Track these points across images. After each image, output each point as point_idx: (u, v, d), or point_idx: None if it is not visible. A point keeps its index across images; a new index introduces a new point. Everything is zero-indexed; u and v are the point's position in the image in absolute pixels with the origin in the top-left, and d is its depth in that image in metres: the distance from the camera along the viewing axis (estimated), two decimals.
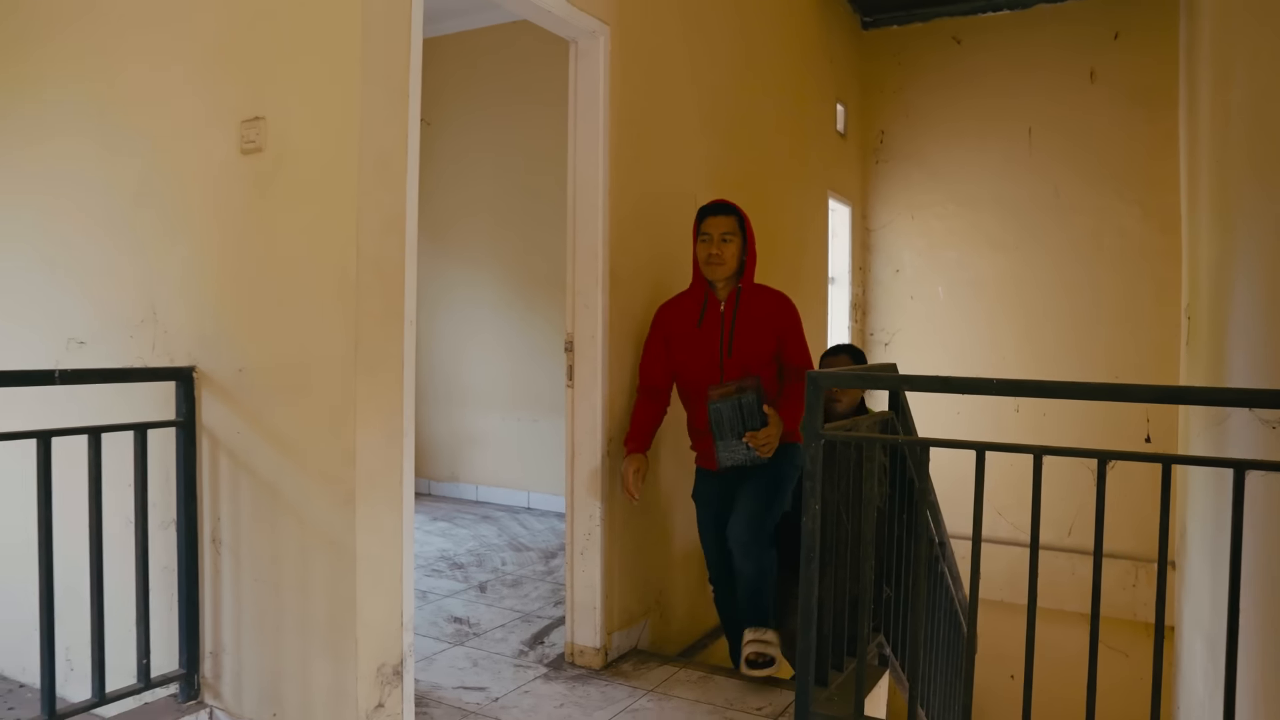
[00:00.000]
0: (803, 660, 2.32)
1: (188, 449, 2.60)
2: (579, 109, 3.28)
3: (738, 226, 3.08)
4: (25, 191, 3.15)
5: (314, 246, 2.37)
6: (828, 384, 2.33)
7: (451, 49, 6.20)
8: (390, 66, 2.36)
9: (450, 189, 6.29)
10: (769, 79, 4.94)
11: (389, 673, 2.38)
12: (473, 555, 4.91)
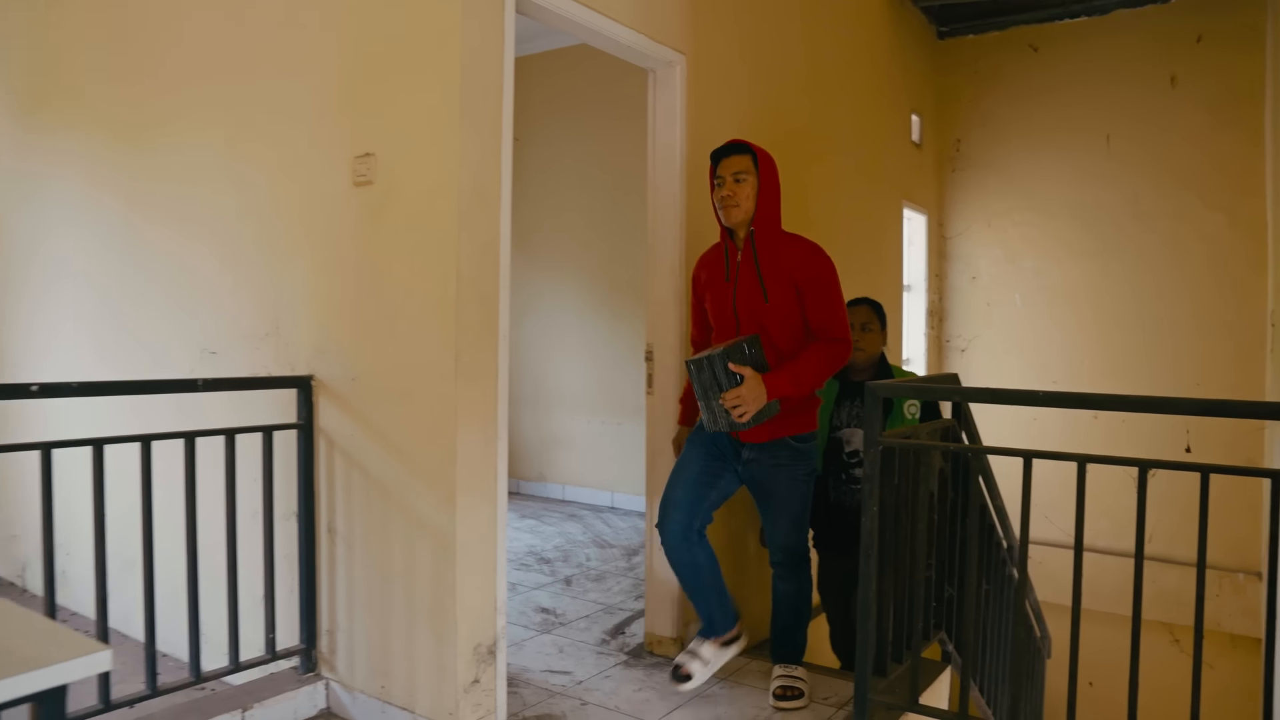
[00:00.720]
0: (861, 651, 2.50)
1: (307, 449, 2.92)
2: (657, 134, 3.51)
3: (752, 165, 2.79)
4: (165, 219, 3.55)
5: (419, 268, 2.65)
6: (885, 394, 2.51)
7: (538, 66, 6.51)
8: (485, 108, 2.62)
9: (537, 200, 6.60)
10: (842, 94, 5.09)
11: (484, 652, 2.64)
12: (559, 551, 5.18)
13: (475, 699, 2.61)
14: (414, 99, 2.67)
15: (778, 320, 2.77)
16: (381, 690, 2.75)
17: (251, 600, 2.89)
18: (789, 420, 2.81)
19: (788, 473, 2.85)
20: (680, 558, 2.87)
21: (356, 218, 2.83)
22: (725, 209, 2.80)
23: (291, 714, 2.82)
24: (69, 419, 3.59)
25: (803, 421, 2.86)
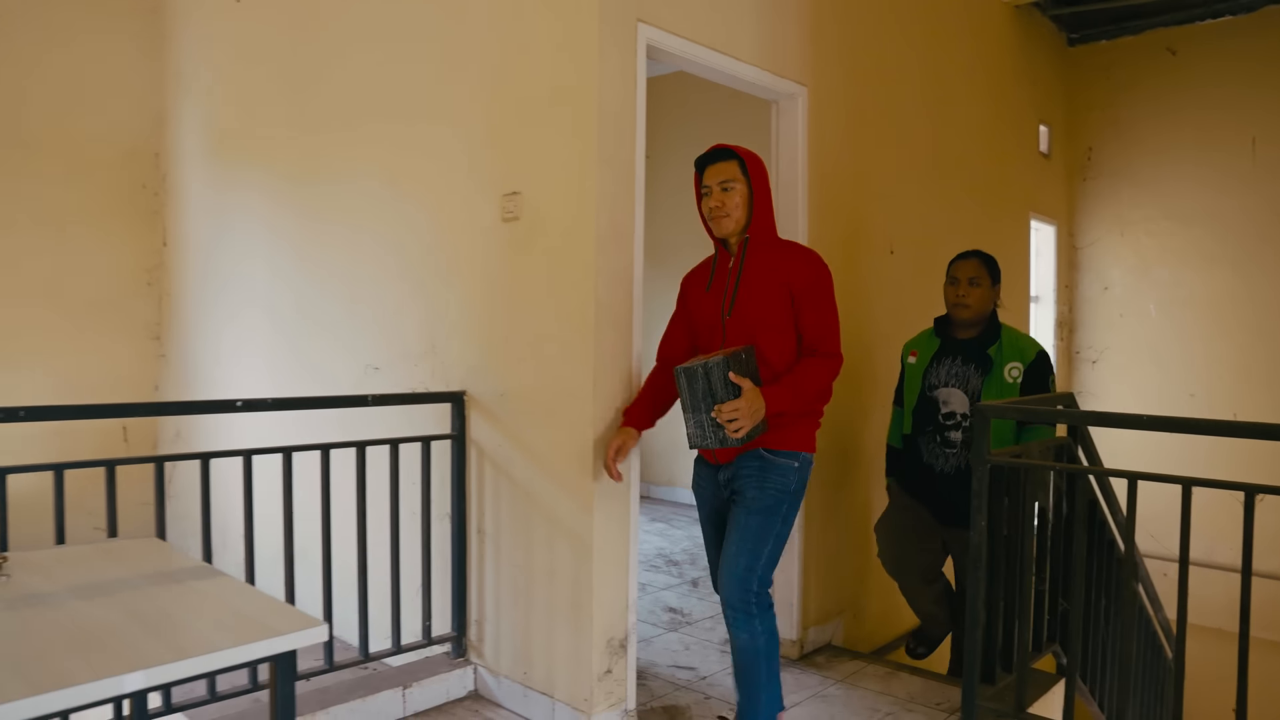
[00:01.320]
0: (969, 660, 2.64)
1: (460, 457, 3.26)
2: (779, 162, 3.71)
3: (740, 171, 2.58)
4: (334, 247, 3.98)
5: (561, 296, 2.94)
6: (994, 414, 2.64)
7: (669, 86, 6.78)
8: (619, 150, 2.89)
9: (670, 216, 6.86)
10: (966, 110, 5.15)
11: (616, 645, 2.91)
12: (687, 554, 5.43)
13: (608, 688, 2.88)
14: (556, 143, 2.97)
15: (770, 333, 2.53)
16: (524, 676, 3.06)
17: (410, 591, 3.25)
18: (768, 433, 2.51)
19: (754, 483, 2.51)
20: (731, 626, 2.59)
21: (504, 250, 3.15)
22: (715, 220, 2.60)
23: (444, 694, 3.16)
24: (258, 427, 4.07)
25: (781, 437, 2.53)
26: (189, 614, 1.60)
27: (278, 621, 1.53)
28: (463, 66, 3.33)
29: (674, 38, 3.06)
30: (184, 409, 3.01)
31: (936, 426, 3.37)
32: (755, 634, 2.50)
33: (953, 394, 3.33)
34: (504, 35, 3.15)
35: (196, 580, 1.79)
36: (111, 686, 1.27)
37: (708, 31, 3.19)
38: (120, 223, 5.91)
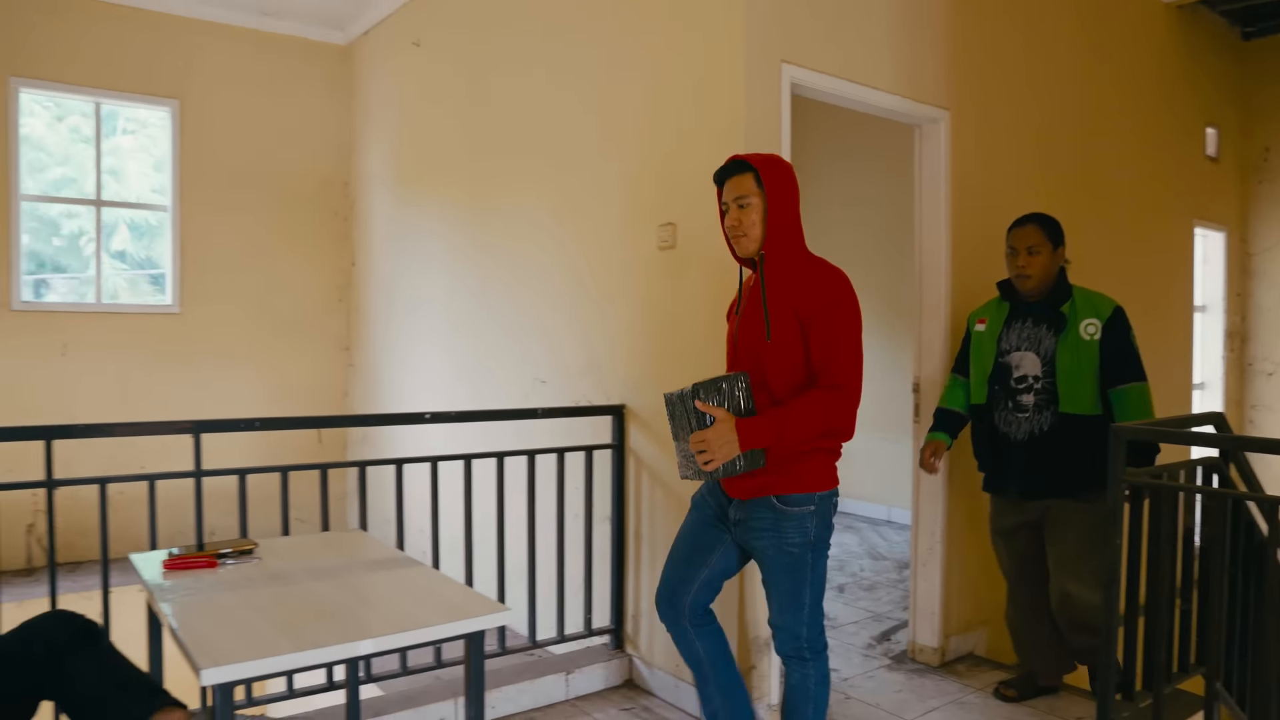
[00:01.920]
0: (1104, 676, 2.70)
1: (619, 466, 3.57)
2: (923, 185, 3.82)
3: (755, 185, 2.36)
4: (505, 270, 4.38)
5: (710, 319, 3.19)
6: (1131, 436, 2.69)
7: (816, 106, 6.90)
8: None
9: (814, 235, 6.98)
10: (1122, 119, 5.06)
11: (761, 644, 3.14)
12: (834, 560, 5.57)
13: (753, 683, 3.10)
14: (706, 179, 3.21)
15: (777, 361, 2.31)
16: (675, 668, 3.32)
17: (574, 587, 3.58)
18: (772, 476, 2.31)
19: (771, 540, 2.33)
20: (680, 645, 2.58)
21: (660, 275, 3.42)
22: (735, 240, 2.41)
23: (603, 680, 3.46)
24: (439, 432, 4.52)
25: (790, 480, 2.31)
26: (398, 595, 1.94)
27: (470, 605, 1.85)
28: (620, 107, 3.63)
29: (817, 74, 3.26)
30: (383, 420, 3.43)
31: (1009, 391, 3.23)
32: (806, 677, 2.41)
33: (1025, 357, 3.20)
34: (657, 78, 3.44)
35: (399, 567, 2.14)
36: (350, 649, 1.61)
37: (850, 65, 3.36)
38: (315, 246, 6.60)
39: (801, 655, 2.39)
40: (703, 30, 3.24)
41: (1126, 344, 3.10)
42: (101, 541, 2.68)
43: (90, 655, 1.75)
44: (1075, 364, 3.09)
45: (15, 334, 5.58)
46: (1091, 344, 3.09)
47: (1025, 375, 3.20)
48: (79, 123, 6.46)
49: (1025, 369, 3.20)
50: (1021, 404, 3.20)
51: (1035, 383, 3.18)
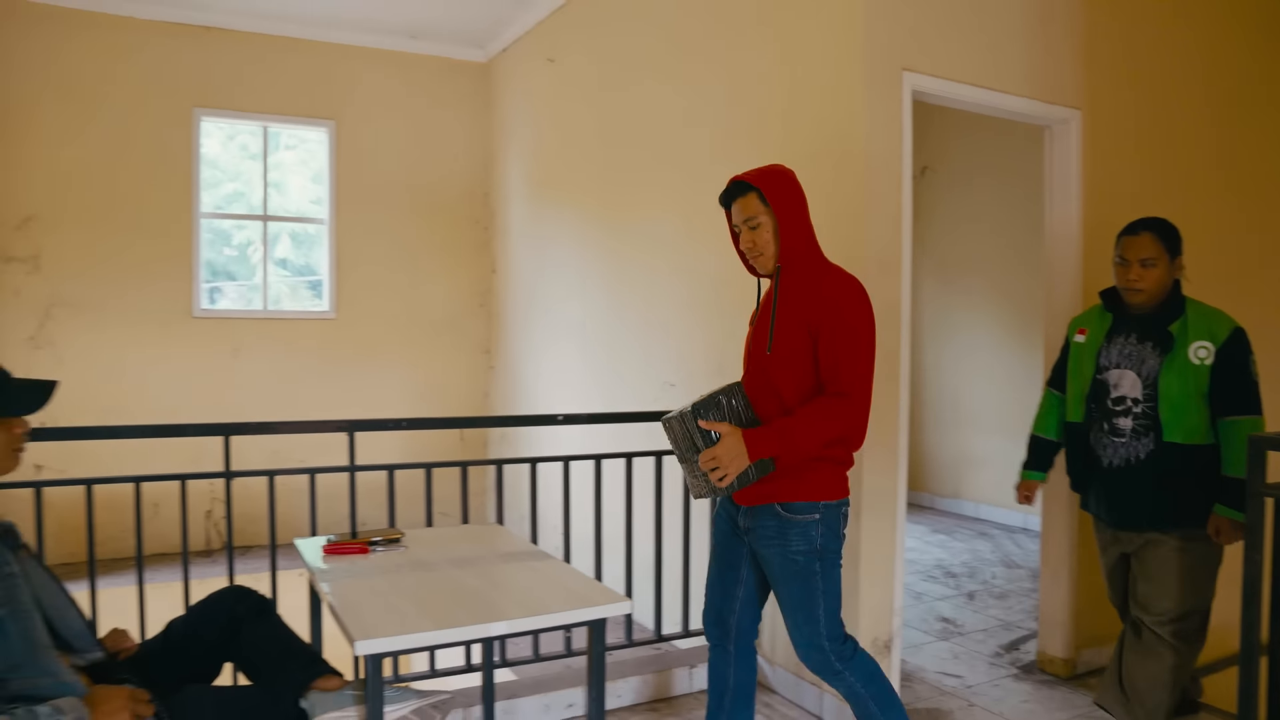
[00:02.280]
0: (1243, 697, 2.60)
1: None
2: (1053, 186, 3.75)
3: (761, 204, 2.36)
4: (635, 278, 4.55)
5: None
6: (1270, 446, 2.59)
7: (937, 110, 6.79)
8: (886, 194, 3.15)
9: (951, 230, 6.88)
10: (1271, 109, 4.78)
11: (880, 645, 3.17)
12: (966, 567, 5.48)
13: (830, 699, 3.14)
14: (827, 189, 3.27)
15: (782, 373, 2.31)
16: (797, 667, 3.39)
17: (699, 584, 3.68)
18: (778, 483, 2.32)
19: (777, 548, 2.34)
20: (714, 668, 2.61)
21: None
22: (752, 260, 2.43)
23: None
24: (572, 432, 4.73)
25: (795, 487, 2.31)
26: (529, 584, 2.10)
27: (594, 595, 2.00)
28: (742, 120, 3.73)
29: (939, 81, 3.27)
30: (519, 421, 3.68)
31: (1105, 412, 2.92)
32: (851, 684, 2.38)
33: (1124, 376, 2.87)
34: (777, 93, 3.52)
35: (531, 560, 2.31)
36: (483, 630, 1.78)
37: (974, 69, 3.35)
38: (458, 254, 6.97)
39: (832, 668, 2.36)
40: (822, 42, 3.30)
41: (1242, 372, 2.72)
42: (270, 527, 2.98)
43: (263, 625, 1.99)
44: (1182, 390, 2.73)
45: (195, 338, 6.15)
46: (1202, 369, 2.73)
47: (1124, 396, 2.87)
48: (248, 140, 7.05)
49: (1124, 389, 2.87)
50: (1118, 427, 2.87)
51: (1134, 405, 2.85)
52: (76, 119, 5.85)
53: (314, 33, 6.34)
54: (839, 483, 2.37)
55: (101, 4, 5.81)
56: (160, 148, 6.06)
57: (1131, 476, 2.84)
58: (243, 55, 6.21)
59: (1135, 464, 2.83)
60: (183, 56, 6.06)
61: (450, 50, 6.77)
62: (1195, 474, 2.75)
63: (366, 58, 6.56)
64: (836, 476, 2.36)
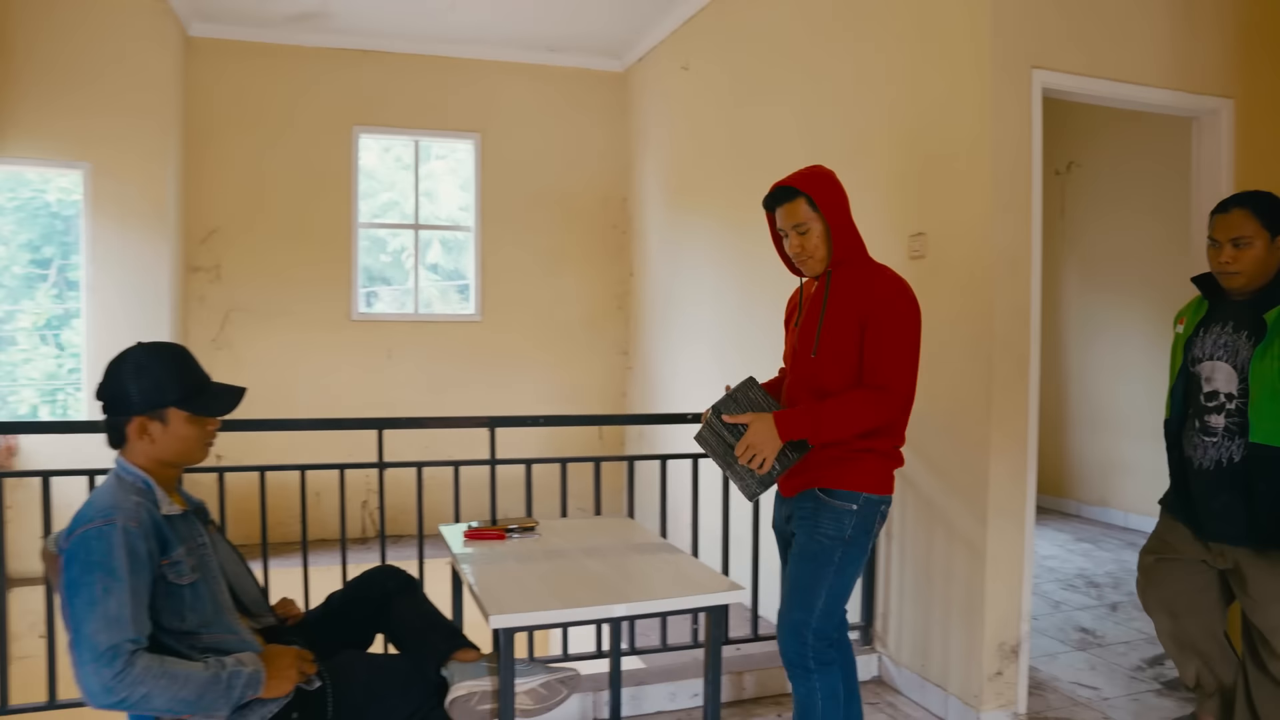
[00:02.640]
0: None
1: None
2: (1201, 179, 3.59)
3: (810, 208, 2.36)
4: (764, 281, 4.62)
5: (961, 328, 3.24)
6: None
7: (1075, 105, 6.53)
8: (1014, 194, 3.11)
9: (1100, 229, 6.61)
10: None
11: (1007, 650, 3.14)
12: (1110, 577, 5.27)
13: (997, 688, 3.12)
14: (954, 189, 3.27)
15: (831, 373, 2.33)
16: (921, 668, 3.40)
17: None
18: (822, 470, 2.32)
19: (806, 528, 2.33)
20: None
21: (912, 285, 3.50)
22: (800, 264, 2.43)
23: None
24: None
25: (839, 474, 2.31)
26: (654, 572, 2.23)
27: (712, 584, 2.11)
28: (871, 120, 3.76)
29: (1072, 77, 3.20)
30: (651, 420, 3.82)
31: (1197, 409, 2.64)
32: (812, 692, 2.29)
33: (1217, 368, 2.58)
34: (905, 91, 3.53)
35: (659, 552, 2.44)
36: (605, 611, 1.91)
37: (1110, 63, 3.26)
38: (596, 257, 7.20)
39: (805, 664, 2.30)
40: (949, 43, 3.30)
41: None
42: (418, 516, 3.23)
43: (410, 601, 2.19)
44: (1273, 385, 2.40)
45: (353, 341, 6.61)
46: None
47: (1216, 391, 2.59)
48: (401, 152, 7.51)
49: (1217, 383, 2.59)
50: (1209, 425, 2.60)
51: (1228, 401, 2.55)
52: (251, 141, 6.40)
53: (460, 50, 6.70)
54: (881, 477, 2.35)
55: (272, 36, 6.34)
56: (324, 163, 6.55)
57: (1222, 482, 2.55)
58: (396, 75, 6.64)
59: (1226, 468, 2.55)
60: (343, 79, 6.54)
61: (588, 61, 7.01)
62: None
63: (509, 72, 6.88)
64: (882, 470, 2.35)
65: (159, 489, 1.90)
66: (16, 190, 6.14)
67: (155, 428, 1.90)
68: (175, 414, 1.91)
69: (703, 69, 5.67)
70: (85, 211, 5.66)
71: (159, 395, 1.89)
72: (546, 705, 1.98)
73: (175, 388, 1.91)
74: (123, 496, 1.82)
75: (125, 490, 1.85)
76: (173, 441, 1.92)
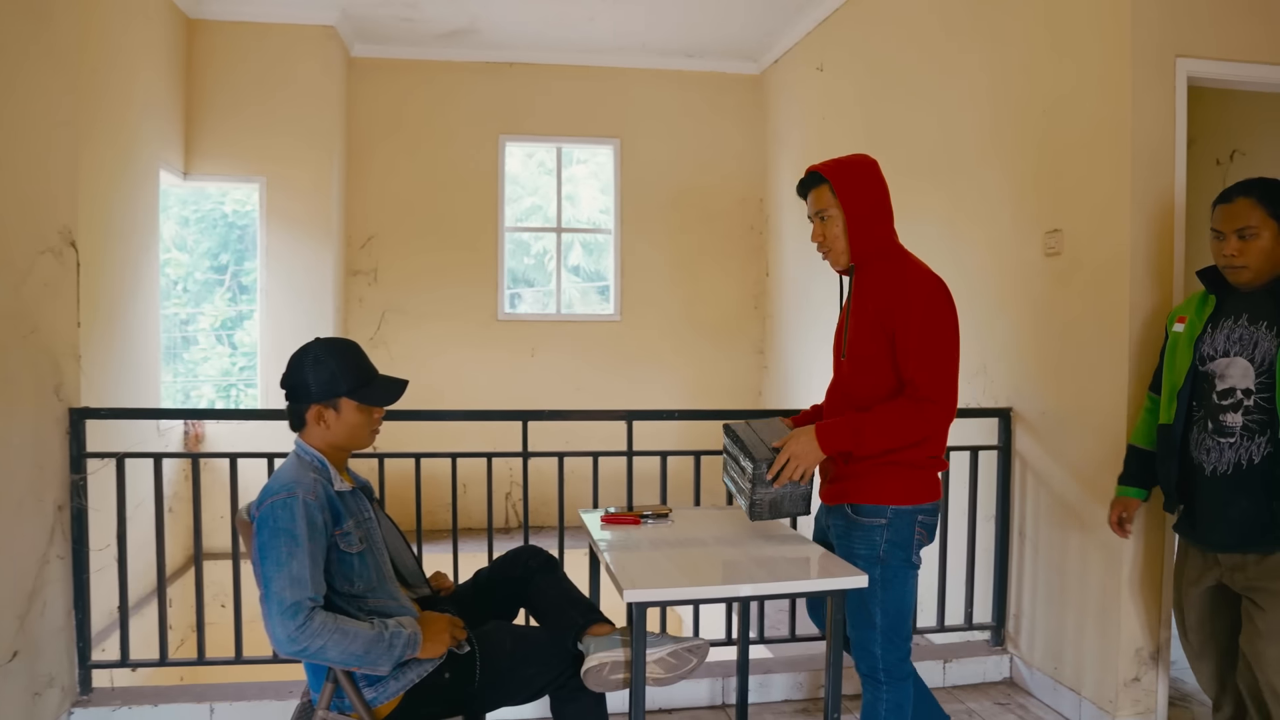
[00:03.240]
0: None
1: (1005, 467, 3.65)
2: None
3: (831, 196, 2.29)
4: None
5: (1098, 327, 3.18)
6: None
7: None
8: (1155, 192, 3.04)
9: None
10: None
11: (1145, 656, 3.07)
12: None
13: (1134, 695, 3.05)
14: (1091, 184, 3.22)
15: (860, 379, 2.28)
16: (1054, 670, 3.35)
17: (956, 580, 3.72)
18: (848, 483, 2.28)
19: (842, 548, 2.31)
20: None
21: (1047, 282, 3.47)
22: (825, 254, 2.37)
23: (980, 675, 3.58)
24: None
25: (861, 488, 2.26)
26: (780, 559, 2.31)
27: (834, 570, 2.18)
28: (1008, 116, 3.72)
29: (1221, 64, 3.09)
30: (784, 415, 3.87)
31: (1209, 409, 2.43)
32: (877, 701, 2.28)
33: (1233, 364, 2.38)
34: (1041, 86, 3.49)
35: (788, 541, 2.50)
36: (732, 590, 2.03)
37: (1267, 45, 3.13)
38: (733, 259, 7.31)
39: (876, 677, 2.27)
40: (1085, 34, 3.24)
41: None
42: (559, 504, 3.44)
43: (550, 578, 2.36)
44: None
45: (499, 340, 6.95)
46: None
47: (1233, 388, 2.38)
48: (544, 158, 7.82)
49: (1233, 379, 2.38)
50: (1225, 425, 2.39)
51: (1246, 397, 2.35)
52: (405, 152, 6.84)
53: (600, 59, 6.93)
54: (915, 487, 2.26)
55: (425, 53, 6.75)
56: (471, 171, 6.92)
57: (1243, 484, 2.34)
58: (540, 84, 6.94)
59: (1248, 469, 2.34)
60: (490, 90, 6.89)
61: (725, 65, 7.11)
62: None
63: (648, 78, 7.07)
64: (907, 480, 2.25)
65: (332, 468, 2.14)
66: (200, 203, 6.77)
67: (330, 414, 2.14)
68: (347, 403, 2.14)
69: (836, 69, 5.69)
70: (260, 221, 6.19)
71: (333, 386, 2.13)
72: (677, 674, 2.11)
73: (347, 379, 2.14)
74: (302, 473, 2.07)
75: (304, 468, 2.09)
76: (344, 427, 2.16)
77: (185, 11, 5.85)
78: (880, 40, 5.04)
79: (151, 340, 5.43)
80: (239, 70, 6.01)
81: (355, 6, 5.96)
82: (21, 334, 2.80)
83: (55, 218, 3.03)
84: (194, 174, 6.05)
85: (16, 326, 2.77)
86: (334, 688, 2.03)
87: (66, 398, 3.07)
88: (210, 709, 3.07)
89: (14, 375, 2.76)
